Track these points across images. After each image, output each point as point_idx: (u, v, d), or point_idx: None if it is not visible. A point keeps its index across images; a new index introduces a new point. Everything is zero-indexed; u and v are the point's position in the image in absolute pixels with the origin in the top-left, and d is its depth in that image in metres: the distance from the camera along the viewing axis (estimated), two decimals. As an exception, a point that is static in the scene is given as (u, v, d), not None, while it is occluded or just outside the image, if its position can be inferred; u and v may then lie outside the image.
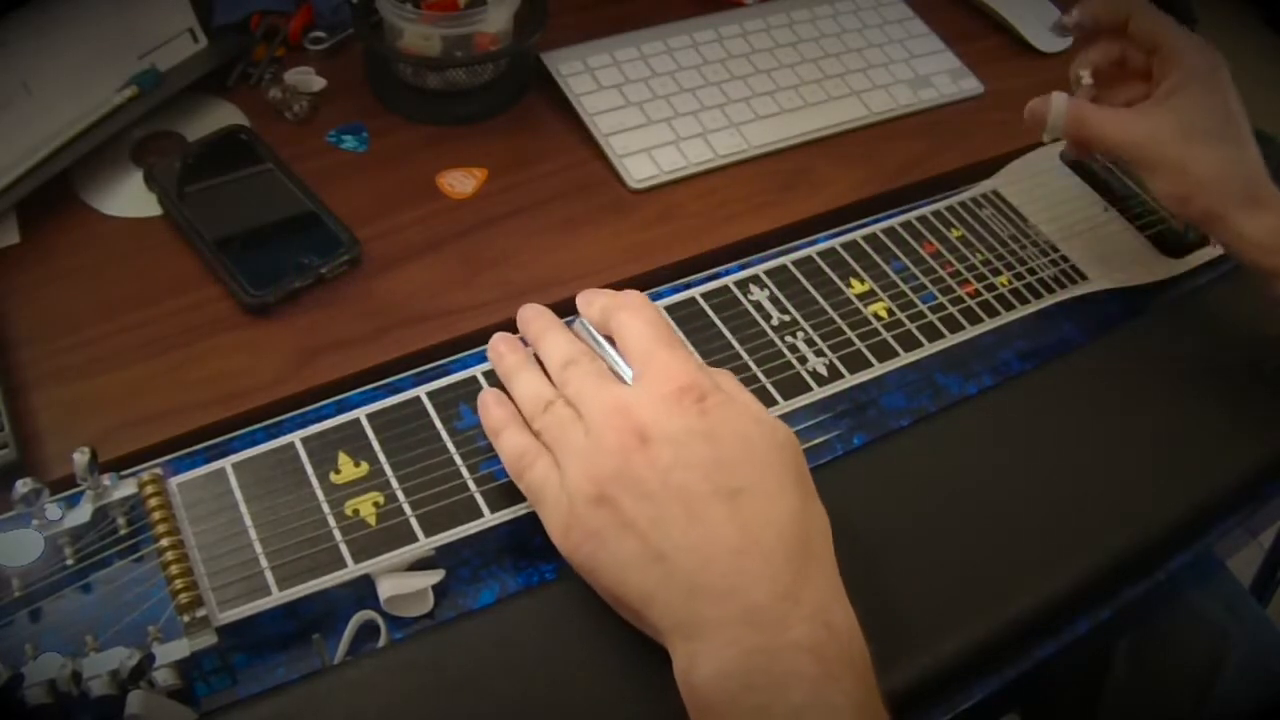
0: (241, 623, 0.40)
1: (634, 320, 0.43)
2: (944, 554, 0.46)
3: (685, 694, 0.37)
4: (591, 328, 0.46)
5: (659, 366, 0.41)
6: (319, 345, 0.56)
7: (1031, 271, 0.59)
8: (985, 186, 0.63)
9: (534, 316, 0.47)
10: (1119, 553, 0.47)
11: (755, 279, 0.55)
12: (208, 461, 0.45)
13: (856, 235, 0.58)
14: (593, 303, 0.46)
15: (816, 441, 0.53)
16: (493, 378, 0.48)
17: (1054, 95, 0.56)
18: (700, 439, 0.39)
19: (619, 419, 0.40)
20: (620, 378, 0.43)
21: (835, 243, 0.57)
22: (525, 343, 0.48)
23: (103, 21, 0.61)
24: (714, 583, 0.37)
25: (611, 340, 0.45)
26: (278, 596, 0.41)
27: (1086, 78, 0.58)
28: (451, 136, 0.68)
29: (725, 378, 0.43)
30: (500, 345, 0.47)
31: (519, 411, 0.45)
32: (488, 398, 0.46)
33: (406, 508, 0.44)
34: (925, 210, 0.60)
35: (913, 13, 0.81)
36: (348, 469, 0.45)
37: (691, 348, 0.50)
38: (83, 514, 0.41)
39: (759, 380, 0.50)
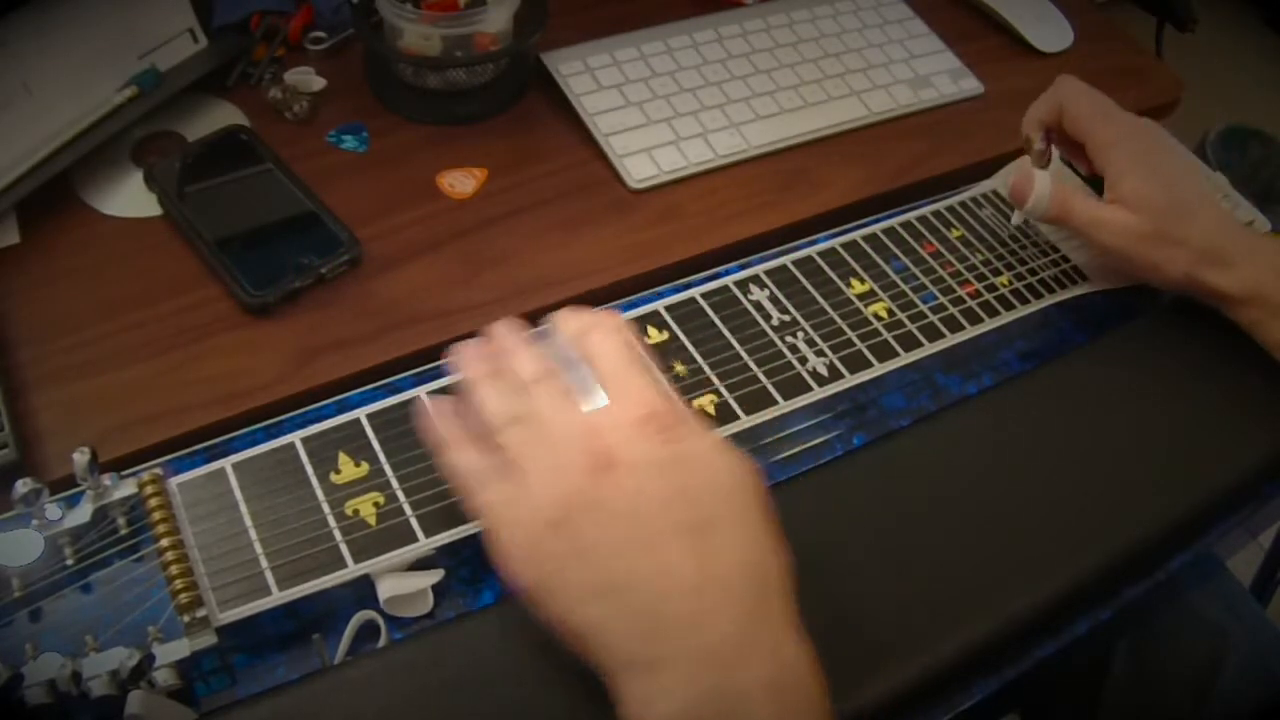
0: (241, 623, 0.40)
1: (607, 342, 0.42)
2: (944, 554, 0.46)
3: None
4: (565, 346, 0.44)
5: (630, 391, 0.40)
6: (319, 345, 0.56)
7: (1032, 272, 0.59)
8: (985, 186, 0.63)
9: (507, 330, 0.45)
10: (1119, 553, 0.47)
11: (755, 279, 0.55)
12: (208, 461, 0.45)
13: (856, 235, 0.58)
14: (570, 321, 0.44)
15: (816, 441, 0.53)
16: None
17: (1037, 177, 0.57)
18: (665, 468, 0.38)
19: (586, 441, 0.39)
20: (590, 399, 0.41)
21: (835, 243, 0.57)
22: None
23: (103, 21, 0.61)
24: (671, 618, 0.36)
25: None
26: (278, 596, 0.41)
27: (1038, 141, 0.59)
28: (451, 136, 0.68)
29: (691, 413, 0.42)
30: (467, 352, 0.45)
31: (466, 429, 0.43)
32: (438, 407, 0.44)
33: (406, 508, 0.44)
34: (925, 210, 0.60)
35: (913, 13, 0.81)
36: (348, 469, 0.45)
37: (661, 376, 0.47)
38: (83, 514, 0.41)
39: (759, 380, 0.50)
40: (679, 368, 0.50)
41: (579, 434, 0.39)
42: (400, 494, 0.44)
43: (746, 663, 0.35)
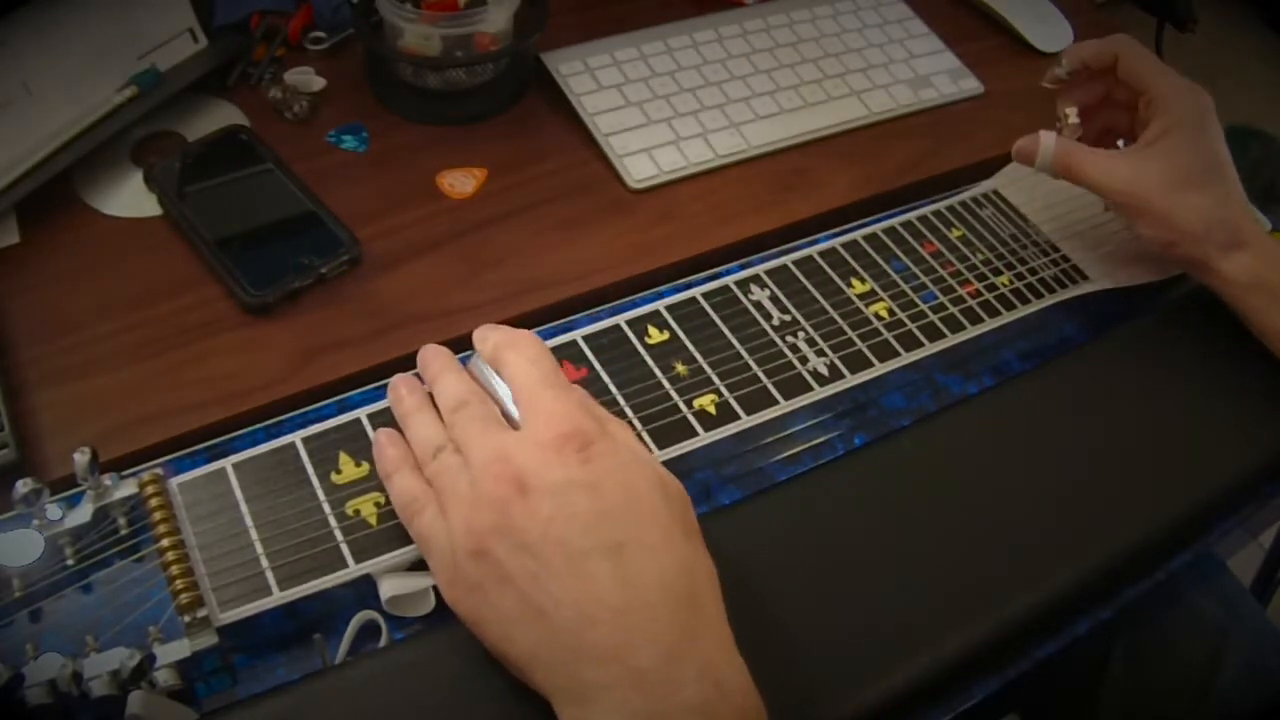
0: (242, 623, 0.40)
1: (518, 359, 0.42)
2: (944, 554, 0.46)
3: None
4: (487, 368, 0.43)
5: (542, 411, 0.40)
6: (319, 345, 0.56)
7: (1032, 271, 0.59)
8: (985, 186, 0.63)
9: (432, 357, 0.45)
10: (1119, 553, 0.47)
11: (756, 279, 0.55)
12: (208, 461, 0.45)
13: (857, 235, 0.58)
14: (487, 339, 0.44)
15: (817, 441, 0.53)
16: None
17: (1042, 134, 0.57)
18: (581, 490, 0.37)
19: (499, 467, 0.38)
20: (512, 420, 0.41)
21: (836, 242, 0.57)
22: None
23: (103, 21, 0.61)
24: (597, 643, 0.35)
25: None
26: (278, 596, 0.41)
27: (1073, 116, 0.59)
28: (451, 136, 0.68)
29: (614, 424, 0.41)
30: (399, 387, 0.45)
31: (411, 454, 0.43)
32: (381, 438, 0.44)
33: (407, 508, 0.44)
34: (925, 210, 0.60)
35: (913, 13, 0.81)
36: (348, 469, 0.45)
37: (582, 388, 0.45)
38: (83, 514, 0.41)
39: (759, 380, 0.50)
40: (680, 368, 0.50)
41: (493, 460, 0.39)
42: (401, 494, 0.44)
43: (677, 687, 0.35)
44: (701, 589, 0.37)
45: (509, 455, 0.38)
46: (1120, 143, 0.61)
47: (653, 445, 0.47)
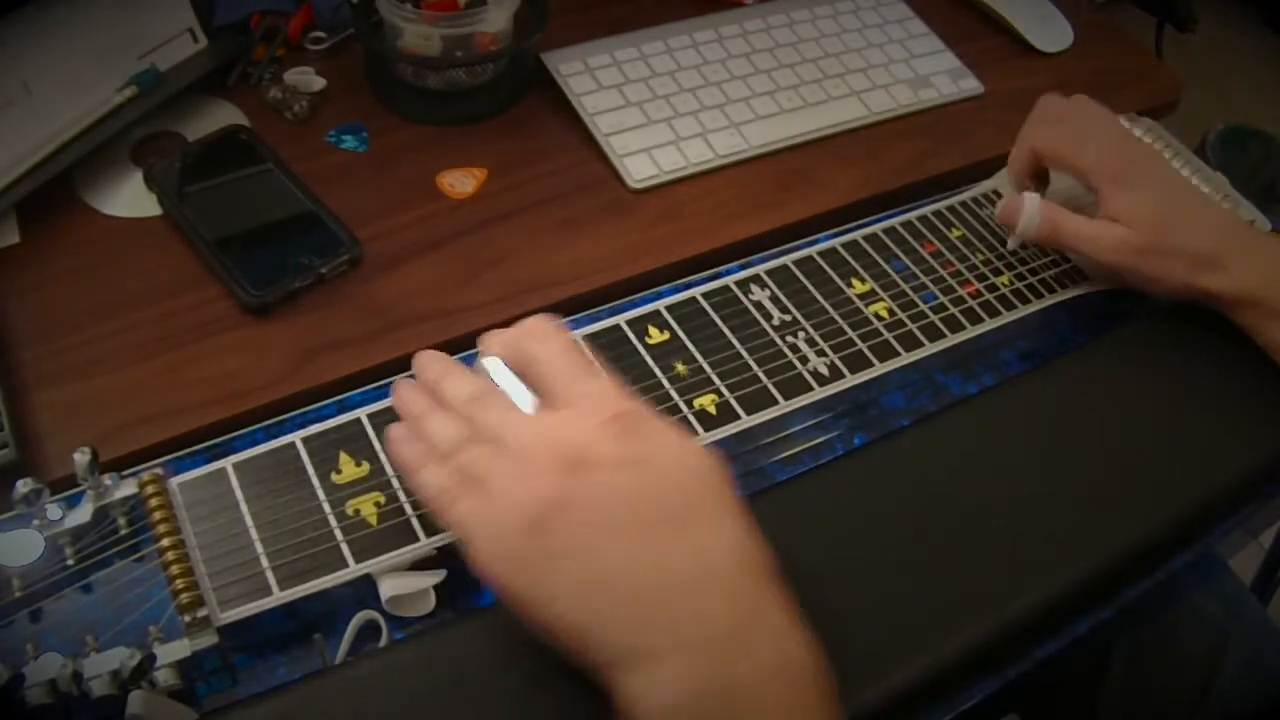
0: (242, 623, 0.40)
1: (547, 348, 0.42)
2: (944, 554, 0.46)
3: None
4: (491, 367, 0.43)
5: (589, 393, 0.40)
6: (319, 345, 0.56)
7: (1032, 271, 0.59)
8: (985, 186, 0.63)
9: (431, 361, 0.45)
10: (1119, 553, 0.47)
11: (756, 279, 0.55)
12: (208, 461, 0.45)
13: (857, 235, 0.58)
14: (494, 340, 0.44)
15: (817, 441, 0.53)
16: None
17: (1025, 198, 0.57)
18: (638, 465, 0.38)
19: (550, 445, 0.38)
20: (531, 409, 0.41)
21: (836, 242, 0.57)
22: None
23: (103, 21, 0.61)
24: (668, 611, 0.36)
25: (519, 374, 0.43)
26: (279, 596, 0.41)
27: (1031, 188, 0.60)
28: (451, 136, 0.68)
29: (650, 409, 0.42)
30: (404, 391, 0.45)
31: (432, 450, 0.42)
32: (397, 434, 0.44)
33: (407, 507, 0.44)
34: (925, 210, 0.60)
35: (913, 13, 0.81)
36: (349, 469, 0.45)
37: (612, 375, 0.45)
38: (83, 514, 0.41)
39: (760, 380, 0.50)
40: (680, 367, 0.50)
41: (543, 439, 0.39)
42: (401, 494, 0.44)
43: (748, 652, 0.35)
44: (761, 564, 0.38)
45: (561, 433, 0.39)
46: None
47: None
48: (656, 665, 0.35)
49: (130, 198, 0.61)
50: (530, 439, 0.39)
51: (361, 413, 0.47)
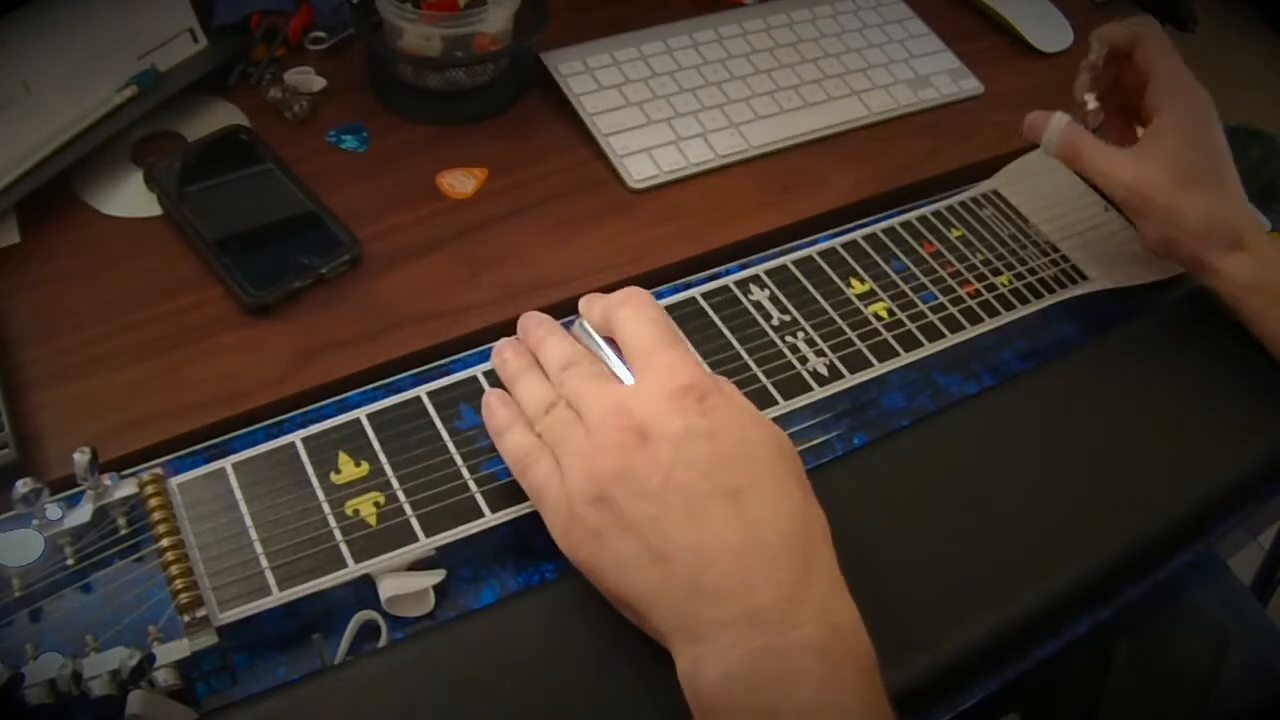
0: (242, 623, 0.40)
1: (635, 317, 0.43)
2: (944, 554, 0.46)
3: (690, 697, 0.37)
4: (591, 330, 0.45)
5: (660, 365, 0.41)
6: (319, 345, 0.56)
7: (1032, 271, 0.59)
8: (985, 186, 0.63)
9: (536, 324, 0.47)
10: (1119, 553, 0.47)
11: (756, 279, 0.55)
12: (208, 461, 0.45)
13: (857, 235, 0.58)
14: (594, 304, 0.46)
15: (816, 441, 0.53)
16: (492, 377, 0.48)
17: (1055, 115, 0.57)
18: (701, 438, 0.39)
19: (618, 418, 0.40)
20: (621, 377, 0.43)
21: (835, 243, 0.57)
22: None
23: (103, 21, 0.61)
24: (717, 583, 0.37)
25: (613, 343, 0.44)
26: (278, 596, 0.41)
27: (1092, 102, 0.59)
28: (451, 136, 0.68)
29: (725, 381, 0.43)
30: (505, 351, 0.47)
31: (522, 413, 0.44)
32: (491, 398, 0.45)
33: (407, 508, 0.44)
34: (925, 210, 0.60)
35: (913, 13, 0.81)
36: (348, 469, 0.45)
37: (692, 347, 0.49)
38: (83, 514, 0.41)
39: (759, 380, 0.50)
40: (679, 368, 0.50)
41: (611, 411, 0.40)
42: (401, 494, 0.44)
43: (795, 624, 0.36)
44: (816, 536, 0.39)
45: (628, 406, 0.40)
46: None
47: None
48: (713, 635, 0.36)
49: (130, 198, 0.61)
50: (604, 409, 0.40)
51: (361, 413, 0.47)
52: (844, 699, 0.36)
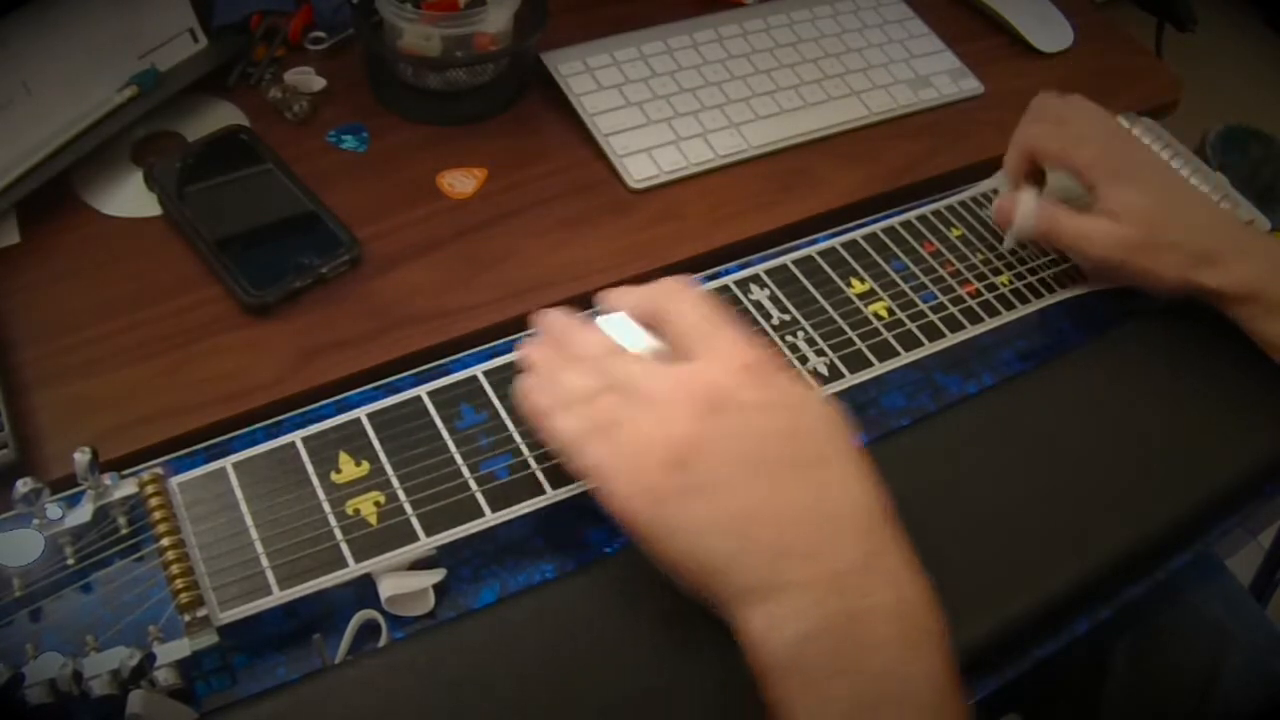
0: (242, 622, 0.40)
1: (683, 305, 0.44)
2: (944, 554, 0.45)
3: (761, 656, 0.37)
4: (615, 322, 0.46)
5: (725, 341, 0.42)
6: (319, 345, 0.56)
7: (1032, 271, 0.59)
8: (985, 186, 0.63)
9: (558, 318, 0.47)
10: (1119, 553, 0.47)
11: (756, 278, 0.55)
12: (208, 461, 0.45)
13: (857, 235, 0.58)
14: (628, 295, 0.46)
15: (817, 441, 0.53)
16: (493, 376, 0.48)
17: (1022, 195, 0.58)
18: (774, 409, 0.40)
19: (689, 391, 0.40)
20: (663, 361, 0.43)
21: (835, 242, 0.57)
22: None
23: (103, 21, 0.61)
24: (800, 546, 0.38)
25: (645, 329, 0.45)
26: (278, 596, 0.41)
27: (1026, 187, 0.59)
28: (451, 136, 0.68)
29: (777, 359, 0.44)
30: (531, 348, 0.46)
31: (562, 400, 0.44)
32: (528, 383, 0.45)
33: (407, 507, 0.44)
34: (925, 210, 0.60)
35: (913, 13, 0.81)
36: (348, 468, 0.45)
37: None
38: (83, 514, 0.41)
39: (759, 380, 0.50)
40: (679, 367, 0.50)
41: (682, 385, 0.41)
42: (401, 493, 0.44)
43: (871, 588, 0.37)
44: (886, 510, 0.40)
45: (699, 379, 0.41)
46: None
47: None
48: (786, 598, 0.37)
49: (130, 198, 0.61)
50: (668, 386, 0.41)
51: (361, 412, 0.47)
52: (914, 669, 0.36)
